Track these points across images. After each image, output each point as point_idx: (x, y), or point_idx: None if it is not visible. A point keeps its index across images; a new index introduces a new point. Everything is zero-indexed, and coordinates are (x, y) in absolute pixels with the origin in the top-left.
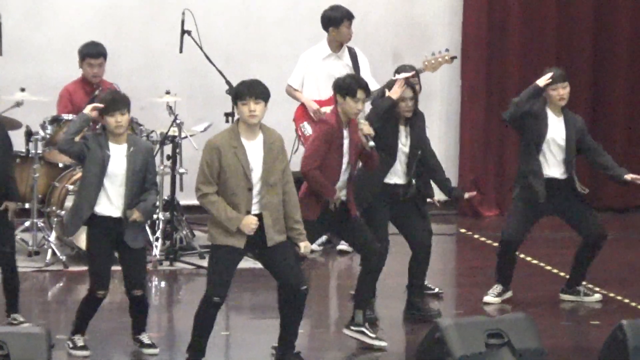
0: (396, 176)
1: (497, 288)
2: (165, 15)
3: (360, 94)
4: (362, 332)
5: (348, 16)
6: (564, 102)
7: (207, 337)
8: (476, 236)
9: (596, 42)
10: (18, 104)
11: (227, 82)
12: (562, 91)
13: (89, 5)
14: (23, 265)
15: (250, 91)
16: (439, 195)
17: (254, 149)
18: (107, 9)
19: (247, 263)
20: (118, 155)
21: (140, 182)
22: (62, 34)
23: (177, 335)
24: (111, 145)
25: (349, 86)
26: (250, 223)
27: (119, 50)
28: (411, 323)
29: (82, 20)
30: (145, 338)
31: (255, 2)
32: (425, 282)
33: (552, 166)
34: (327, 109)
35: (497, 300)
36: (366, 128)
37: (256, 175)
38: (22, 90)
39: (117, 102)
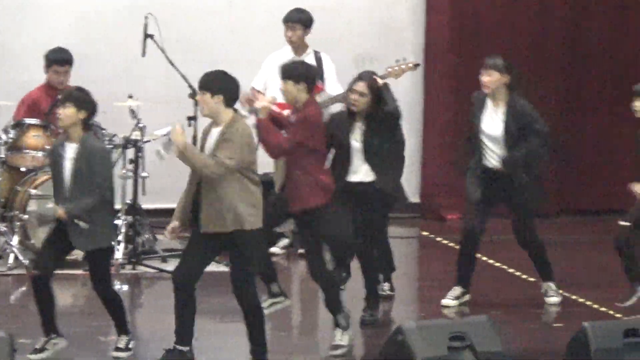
0: (355, 174)
1: (455, 290)
2: (131, 20)
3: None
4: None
5: (286, 19)
6: (488, 90)
7: (183, 323)
8: (439, 239)
9: (568, 43)
10: None
11: (190, 86)
12: (484, 78)
13: (55, 11)
14: None
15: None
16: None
17: (213, 137)
18: (74, 14)
19: (211, 266)
20: (69, 155)
21: (88, 185)
22: (26, 40)
23: (139, 338)
24: (67, 144)
25: None
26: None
27: (84, 54)
28: (373, 326)
29: (48, 25)
30: (120, 342)
31: (239, 8)
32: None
33: (489, 157)
34: (289, 112)
35: (455, 303)
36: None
37: None
38: None
39: (62, 96)
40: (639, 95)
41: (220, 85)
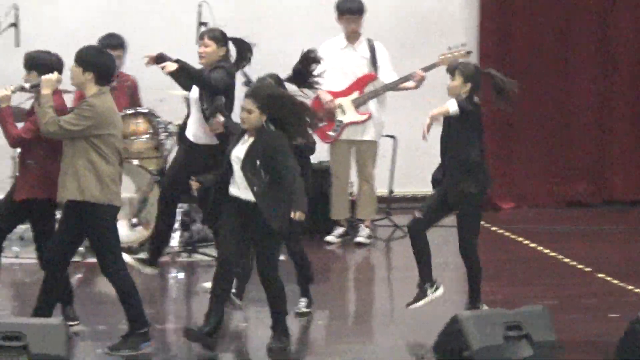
0: (235, 187)
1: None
2: (183, 8)
3: None
4: None
5: (349, 11)
6: (203, 60)
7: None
8: (493, 229)
9: (603, 38)
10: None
11: (245, 75)
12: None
13: None
14: None
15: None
16: None
17: None
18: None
19: None
20: None
21: None
22: (78, 22)
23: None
24: None
25: None
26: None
27: (138, 42)
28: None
29: (101, 9)
30: None
31: None
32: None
33: None
34: (343, 100)
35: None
36: None
37: None
38: None
39: None
40: (451, 73)
41: (94, 64)
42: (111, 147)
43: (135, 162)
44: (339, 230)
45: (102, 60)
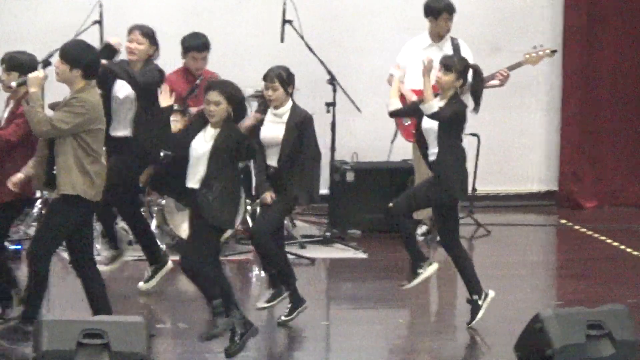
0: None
1: None
2: (267, 5)
3: None
4: None
5: (448, 9)
6: (135, 57)
7: None
8: (576, 227)
9: None
10: None
11: (329, 72)
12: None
13: None
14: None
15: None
16: None
17: None
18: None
19: (347, 253)
20: None
21: None
22: (162, 20)
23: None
24: None
25: None
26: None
27: (222, 40)
28: None
29: (185, 6)
30: None
31: None
32: None
33: None
34: None
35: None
36: None
37: None
38: None
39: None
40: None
41: (82, 60)
42: (100, 142)
43: None
44: (422, 228)
45: (88, 56)
